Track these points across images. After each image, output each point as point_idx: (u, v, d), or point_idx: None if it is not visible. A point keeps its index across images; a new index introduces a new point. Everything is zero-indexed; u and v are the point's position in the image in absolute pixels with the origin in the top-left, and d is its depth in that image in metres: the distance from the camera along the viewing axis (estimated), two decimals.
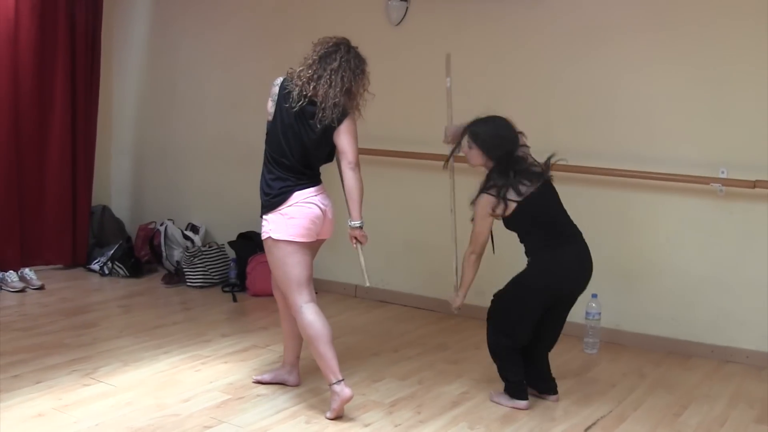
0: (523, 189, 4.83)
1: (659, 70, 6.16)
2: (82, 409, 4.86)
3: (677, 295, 6.29)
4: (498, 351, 5.09)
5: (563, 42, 6.43)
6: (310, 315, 4.84)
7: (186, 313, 7.02)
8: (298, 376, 5.36)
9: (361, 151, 6.74)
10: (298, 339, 5.23)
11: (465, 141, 4.95)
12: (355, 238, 5.09)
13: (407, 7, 7.05)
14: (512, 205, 4.82)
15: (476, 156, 4.92)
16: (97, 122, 8.45)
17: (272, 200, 4.86)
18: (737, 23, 5.89)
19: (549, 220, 4.97)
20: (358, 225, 5.06)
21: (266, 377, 5.35)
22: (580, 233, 5.10)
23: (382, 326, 6.78)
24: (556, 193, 5.05)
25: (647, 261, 6.36)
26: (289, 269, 4.86)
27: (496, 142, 4.86)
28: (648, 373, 5.84)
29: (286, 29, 4.75)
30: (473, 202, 4.93)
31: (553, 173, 6.28)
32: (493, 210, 4.86)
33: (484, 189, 4.87)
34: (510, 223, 4.94)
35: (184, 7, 8.35)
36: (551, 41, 6.46)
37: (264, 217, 4.89)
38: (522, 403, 5.07)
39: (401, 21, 7.09)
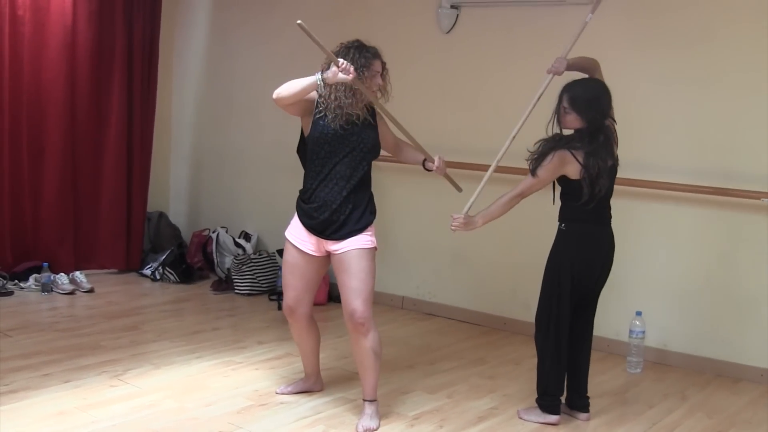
0: (598, 162, 4.64)
1: (709, 82, 5.98)
2: (104, 409, 4.85)
3: (728, 315, 6.04)
4: (543, 357, 4.94)
5: (620, 48, 6.25)
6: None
7: (228, 319, 6.99)
8: (322, 382, 5.34)
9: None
10: (317, 353, 5.25)
11: (564, 103, 4.73)
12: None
13: (458, 15, 6.95)
14: (582, 172, 4.65)
15: (573, 120, 4.71)
16: (153, 129, 8.53)
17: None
18: None
19: (602, 199, 4.79)
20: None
21: (290, 389, 5.28)
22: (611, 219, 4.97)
23: (423, 339, 6.66)
24: (615, 177, 4.89)
25: (697, 278, 6.13)
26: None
27: (594, 105, 4.67)
28: (690, 396, 5.61)
29: (339, 38, 4.71)
30: (543, 151, 4.72)
31: None
32: (564, 169, 4.70)
33: (568, 144, 4.68)
34: (568, 184, 4.77)
35: (242, 18, 8.37)
36: (605, 46, 6.27)
37: (368, 228, 4.80)
38: (554, 418, 4.93)
39: (452, 28, 7.00)
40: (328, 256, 4.82)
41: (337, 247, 4.72)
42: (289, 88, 4.53)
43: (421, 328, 6.97)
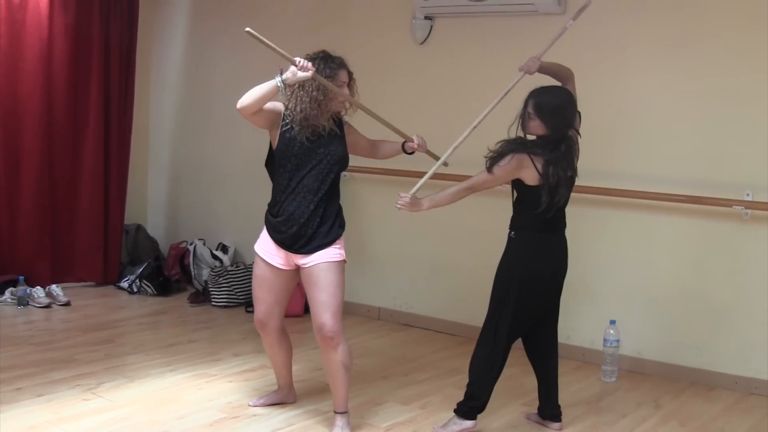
0: (558, 172, 4.61)
1: (683, 90, 5.99)
2: (76, 423, 4.83)
3: (702, 323, 6.05)
4: (477, 361, 4.89)
5: (588, 58, 6.24)
6: None
7: (204, 332, 6.98)
8: (295, 393, 5.35)
9: (384, 172, 6.73)
10: (290, 366, 5.25)
11: (529, 109, 4.68)
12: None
13: (432, 26, 6.96)
14: (540, 180, 4.61)
15: (536, 127, 4.66)
16: (131, 141, 8.53)
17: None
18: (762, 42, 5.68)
19: (558, 209, 4.75)
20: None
21: (263, 401, 5.28)
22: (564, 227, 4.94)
23: (398, 349, 6.65)
24: (572, 188, 4.86)
25: (671, 286, 6.13)
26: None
27: (558, 114, 4.63)
28: (665, 404, 5.61)
29: (314, 50, 4.73)
30: (503, 150, 4.66)
31: (575, 194, 6.18)
32: (520, 172, 4.64)
33: (529, 149, 4.62)
34: (526, 192, 4.72)
35: (219, 30, 8.39)
36: (575, 56, 6.27)
37: (337, 242, 4.78)
38: (470, 423, 4.86)
39: (426, 39, 7.01)
40: (298, 269, 4.81)
41: (306, 261, 4.71)
42: (251, 95, 4.51)
43: (396, 339, 6.96)
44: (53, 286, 7.69)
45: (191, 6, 8.84)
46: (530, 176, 4.61)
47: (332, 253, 4.71)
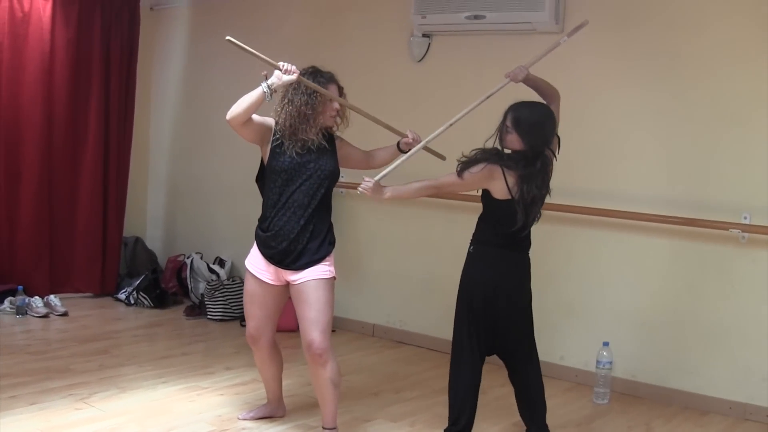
0: (532, 189, 4.56)
1: (679, 111, 5.99)
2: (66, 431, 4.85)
3: (696, 347, 6.02)
4: (450, 384, 4.88)
5: (586, 78, 6.32)
6: None
7: (198, 345, 7.00)
8: (284, 407, 5.37)
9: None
10: (280, 379, 5.27)
11: (507, 122, 4.62)
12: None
13: (429, 44, 7.00)
14: (508, 194, 4.57)
15: (513, 141, 4.60)
16: (130, 154, 8.60)
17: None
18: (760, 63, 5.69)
19: (522, 227, 4.66)
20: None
21: (252, 414, 5.30)
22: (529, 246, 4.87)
23: (390, 367, 6.65)
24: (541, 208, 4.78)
25: (666, 309, 6.11)
26: None
27: (536, 130, 4.58)
28: (655, 428, 5.58)
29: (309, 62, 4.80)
30: (476, 158, 4.61)
31: (569, 214, 6.19)
32: (489, 183, 4.60)
33: (502, 161, 4.57)
34: (491, 203, 4.67)
35: (218, 46, 8.26)
36: (578, 74, 6.33)
37: (327, 259, 4.79)
38: None
39: (423, 57, 7.05)
40: (288, 284, 4.83)
41: (295, 277, 4.73)
42: (239, 105, 4.57)
43: (389, 356, 6.96)
44: (51, 297, 7.74)
45: (191, 23, 8.91)
46: (498, 189, 4.57)
47: (321, 270, 4.73)
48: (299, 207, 4.69)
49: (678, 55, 5.97)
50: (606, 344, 6.04)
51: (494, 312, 4.71)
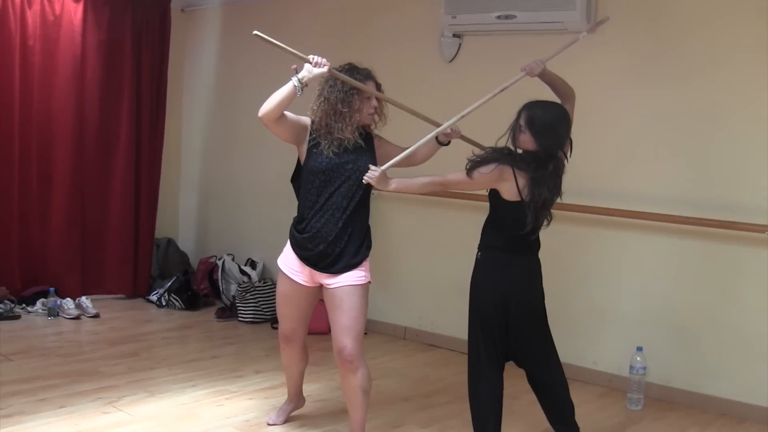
0: (544, 192, 4.46)
1: (713, 112, 5.89)
2: None
3: (732, 352, 5.91)
4: (469, 392, 4.76)
5: (618, 76, 6.26)
6: None
7: (228, 347, 6.98)
8: (303, 398, 5.41)
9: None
10: (303, 375, 5.27)
11: (520, 122, 4.51)
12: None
13: (460, 44, 6.95)
14: (517, 196, 4.46)
15: (526, 141, 4.48)
16: (162, 156, 8.61)
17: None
18: None
19: (531, 231, 4.54)
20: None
21: (281, 418, 5.26)
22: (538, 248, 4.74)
23: (421, 371, 6.60)
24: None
25: (700, 313, 6.01)
26: None
27: (550, 131, 4.46)
28: None
29: (339, 62, 4.76)
30: (488, 158, 4.51)
31: (601, 216, 6.11)
32: (499, 184, 4.49)
33: (514, 162, 4.46)
34: (500, 203, 4.56)
35: (249, 47, 8.39)
36: (605, 75, 6.25)
37: (363, 263, 4.73)
38: None
39: (454, 57, 7.01)
40: (321, 286, 4.76)
41: (330, 281, 4.66)
42: (270, 100, 4.51)
43: (420, 360, 6.91)
44: (83, 298, 7.78)
45: (222, 24, 8.92)
46: (508, 190, 4.46)
47: (356, 276, 4.66)
48: (337, 209, 4.61)
49: (707, 54, 5.89)
50: (640, 349, 5.95)
51: (506, 318, 4.59)
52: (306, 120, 4.71)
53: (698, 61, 5.93)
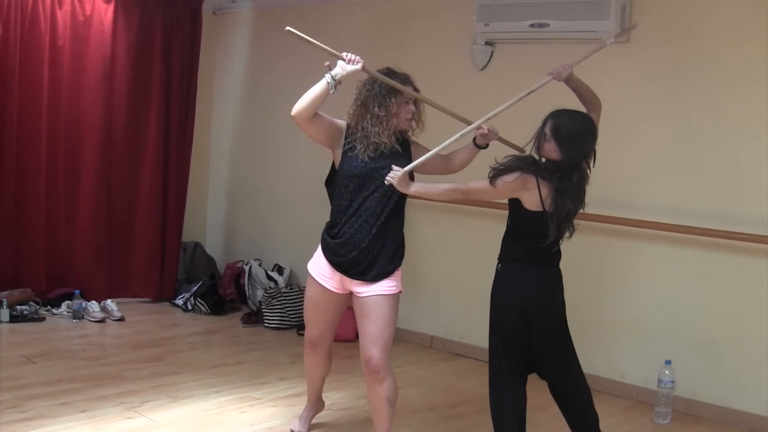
0: (567, 204, 4.36)
1: (747, 126, 5.81)
2: None
3: (762, 367, 5.80)
4: (491, 408, 4.69)
5: (651, 87, 6.20)
6: None
7: (253, 353, 6.93)
8: (323, 402, 5.36)
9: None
10: (324, 380, 5.21)
11: (546, 130, 4.42)
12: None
13: (492, 51, 6.90)
14: (540, 206, 4.37)
15: (551, 150, 4.39)
16: (190, 159, 8.60)
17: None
18: None
19: (554, 242, 4.47)
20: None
21: (306, 426, 5.20)
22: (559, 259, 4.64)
23: (447, 380, 6.54)
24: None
25: (730, 327, 5.92)
26: None
27: (576, 141, 4.37)
28: None
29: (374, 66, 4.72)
30: (511, 166, 4.41)
31: (630, 228, 6.04)
32: (521, 193, 4.39)
33: (538, 171, 4.37)
34: (521, 213, 4.47)
35: (280, 50, 8.42)
36: (642, 83, 6.18)
37: (396, 273, 4.67)
38: None
39: (486, 65, 6.96)
40: (351, 293, 4.69)
41: (361, 289, 4.59)
42: (303, 99, 4.44)
43: (446, 369, 6.84)
44: (108, 301, 7.76)
45: (253, 27, 8.90)
46: (531, 200, 4.37)
47: (387, 285, 4.59)
48: (371, 215, 4.54)
49: (737, 67, 5.82)
50: (668, 362, 5.87)
51: (527, 330, 4.51)
52: (342, 123, 4.64)
53: (730, 75, 5.86)
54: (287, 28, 4.40)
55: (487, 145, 4.80)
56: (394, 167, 4.42)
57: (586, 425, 4.71)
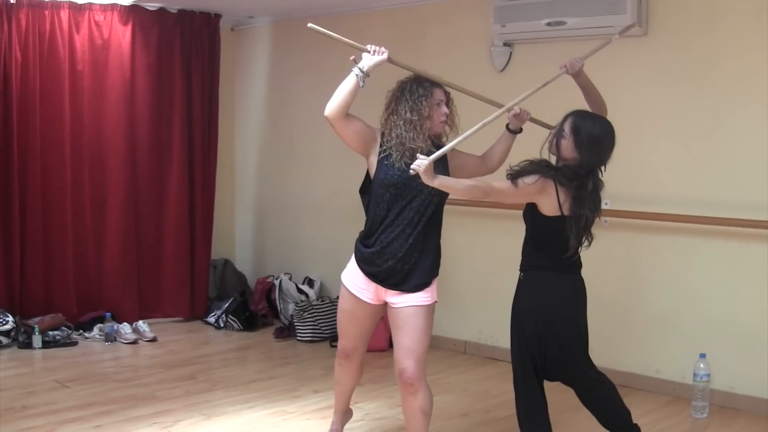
0: (585, 212, 4.33)
1: None
2: None
3: None
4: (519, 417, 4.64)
5: (675, 80, 6.13)
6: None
7: (286, 367, 6.91)
8: (351, 410, 5.28)
9: (468, 203, 6.53)
10: (353, 390, 5.14)
11: (565, 127, 4.41)
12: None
13: (511, 53, 6.87)
14: (558, 211, 4.33)
15: (567, 147, 4.37)
16: (215, 177, 8.61)
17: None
18: None
19: (573, 246, 4.42)
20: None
21: None
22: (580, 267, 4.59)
23: (481, 385, 6.49)
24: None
25: (764, 317, 5.82)
26: None
27: (594, 144, 4.34)
28: None
29: (394, 77, 4.66)
30: (529, 169, 4.35)
31: (659, 222, 5.98)
32: (540, 197, 4.34)
33: (556, 176, 4.32)
34: (539, 221, 4.43)
35: (300, 64, 8.44)
36: (661, 76, 6.13)
37: (432, 283, 4.62)
38: None
39: (505, 66, 6.93)
40: (386, 303, 4.62)
41: (395, 300, 4.52)
42: (335, 97, 4.38)
43: (481, 374, 6.79)
44: (140, 323, 7.79)
45: (273, 42, 8.91)
46: (549, 205, 4.33)
47: (423, 297, 4.51)
48: (408, 224, 4.46)
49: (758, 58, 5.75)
50: (703, 356, 5.80)
51: (546, 341, 4.45)
52: (377, 130, 4.57)
53: (750, 65, 5.80)
54: (309, 24, 4.40)
55: (521, 129, 4.79)
56: (420, 155, 4.23)
57: (618, 421, 4.64)
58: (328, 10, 7.91)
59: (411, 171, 4.19)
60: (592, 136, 4.33)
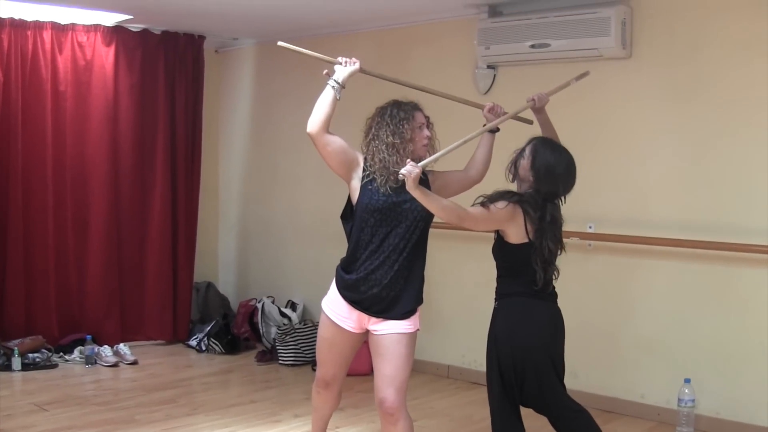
0: (548, 244, 4.30)
1: (756, 137, 5.71)
2: None
3: None
4: None
5: (661, 103, 6.13)
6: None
7: (267, 391, 6.85)
8: None
9: (453, 226, 6.47)
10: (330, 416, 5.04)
11: (527, 149, 4.41)
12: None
13: (495, 75, 6.86)
14: (525, 237, 4.30)
15: (524, 168, 4.38)
16: (198, 199, 8.58)
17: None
18: None
19: (545, 284, 4.37)
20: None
21: None
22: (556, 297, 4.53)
23: (464, 410, 6.42)
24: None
25: (751, 343, 5.78)
26: None
27: (550, 172, 4.33)
28: None
29: (378, 100, 4.63)
30: (498, 197, 4.32)
31: (644, 246, 5.94)
32: (510, 224, 4.31)
33: (522, 204, 4.30)
34: (507, 250, 4.40)
35: (283, 87, 8.45)
36: (647, 99, 6.12)
37: (416, 311, 4.55)
38: None
39: (489, 89, 6.91)
40: (367, 330, 4.54)
41: (377, 327, 4.44)
42: (315, 112, 4.38)
43: (464, 399, 6.72)
44: (121, 345, 7.74)
45: (256, 64, 8.91)
46: (516, 232, 4.30)
47: (406, 325, 4.44)
48: (393, 251, 4.39)
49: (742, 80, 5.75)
50: (687, 381, 5.76)
51: (523, 369, 4.36)
52: (359, 154, 4.51)
53: (735, 87, 5.81)
54: (279, 42, 4.37)
55: (498, 129, 4.78)
56: (410, 162, 4.17)
57: None
58: (312, 31, 7.90)
59: (399, 176, 4.14)
60: (547, 164, 4.33)
